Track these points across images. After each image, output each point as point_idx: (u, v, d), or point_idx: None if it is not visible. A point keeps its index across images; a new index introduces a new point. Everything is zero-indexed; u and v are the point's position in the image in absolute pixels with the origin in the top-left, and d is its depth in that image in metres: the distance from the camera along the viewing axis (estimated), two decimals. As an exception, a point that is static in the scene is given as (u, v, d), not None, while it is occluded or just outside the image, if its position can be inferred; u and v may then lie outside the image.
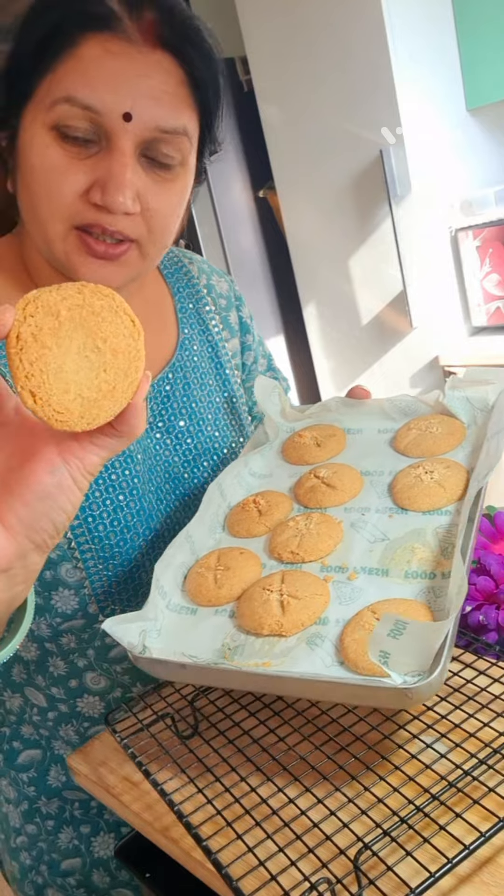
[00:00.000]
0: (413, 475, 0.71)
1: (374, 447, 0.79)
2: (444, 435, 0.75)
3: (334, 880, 0.46)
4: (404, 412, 0.81)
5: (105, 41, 0.61)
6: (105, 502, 0.73)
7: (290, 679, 0.55)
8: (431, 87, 2.06)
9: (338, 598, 0.62)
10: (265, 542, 0.71)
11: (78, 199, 0.64)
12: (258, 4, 2.18)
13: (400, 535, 0.66)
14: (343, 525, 0.70)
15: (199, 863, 0.52)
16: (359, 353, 2.38)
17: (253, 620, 0.62)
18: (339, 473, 0.75)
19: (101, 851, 0.83)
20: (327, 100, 2.14)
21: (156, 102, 0.63)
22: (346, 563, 0.65)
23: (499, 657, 0.64)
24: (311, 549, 0.67)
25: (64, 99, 0.61)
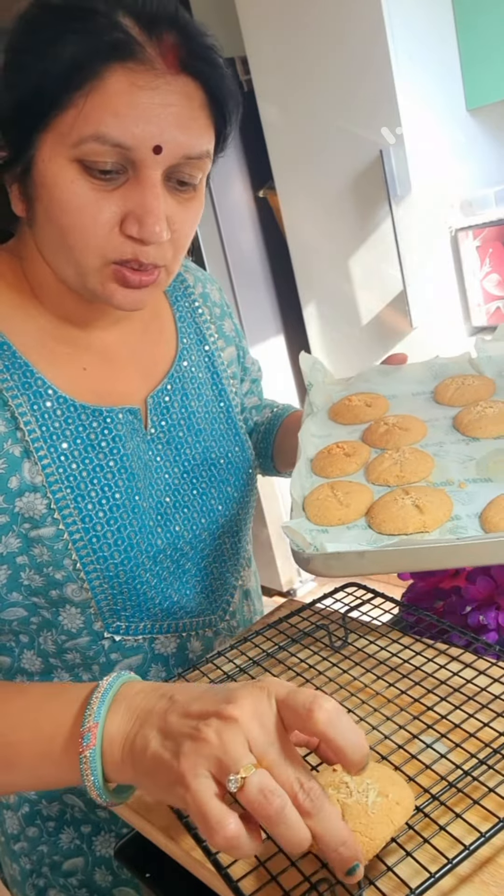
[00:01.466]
0: (475, 411, 0.79)
1: (417, 405, 0.87)
2: (481, 386, 0.84)
3: (334, 880, 0.46)
4: (435, 374, 0.90)
5: (130, 72, 0.60)
6: (109, 522, 0.73)
7: (476, 545, 0.59)
8: (431, 86, 2.06)
9: (459, 502, 0.68)
10: (364, 476, 0.76)
11: (112, 233, 0.64)
12: (258, 4, 2.18)
13: (483, 454, 0.73)
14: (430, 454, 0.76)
15: (199, 863, 0.52)
16: (359, 353, 2.38)
17: (396, 522, 0.66)
18: (406, 419, 0.82)
19: (103, 850, 0.83)
20: (327, 100, 2.14)
21: (182, 131, 0.63)
22: (451, 479, 0.71)
23: (499, 657, 0.64)
24: (414, 471, 0.73)
25: (93, 137, 0.60)
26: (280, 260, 2.57)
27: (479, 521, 0.64)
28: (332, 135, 2.17)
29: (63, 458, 0.71)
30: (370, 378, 0.93)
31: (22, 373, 0.71)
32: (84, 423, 0.73)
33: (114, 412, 0.75)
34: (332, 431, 0.86)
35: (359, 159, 2.13)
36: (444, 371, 0.90)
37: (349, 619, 0.74)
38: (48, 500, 0.70)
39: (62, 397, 0.73)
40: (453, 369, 0.90)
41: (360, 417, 0.86)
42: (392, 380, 0.92)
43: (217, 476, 0.84)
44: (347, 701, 0.63)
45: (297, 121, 2.23)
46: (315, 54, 2.12)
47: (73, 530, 0.71)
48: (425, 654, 0.66)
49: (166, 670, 0.80)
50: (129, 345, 0.81)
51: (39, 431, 0.70)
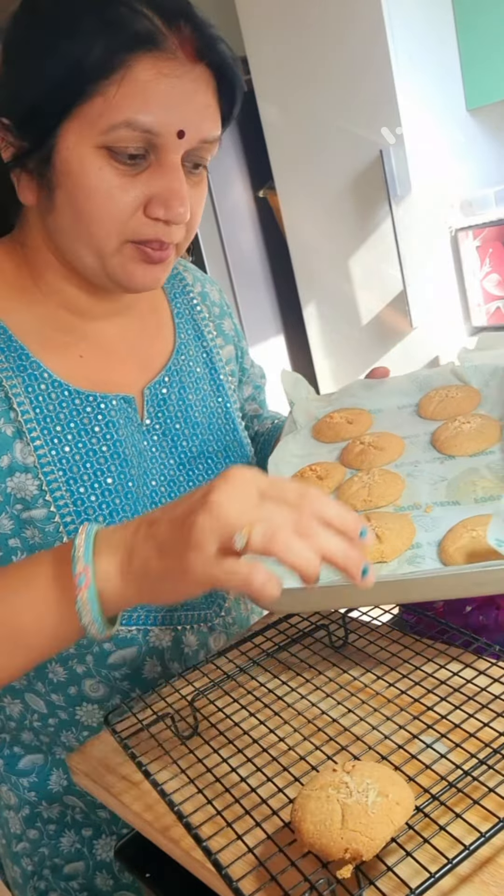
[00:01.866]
0: (452, 427, 0.77)
1: (402, 419, 0.86)
2: (465, 398, 0.83)
3: (334, 880, 0.46)
4: (420, 386, 0.88)
5: (156, 61, 0.63)
6: (101, 506, 0.73)
7: (421, 580, 0.58)
8: (431, 86, 2.06)
9: (422, 528, 0.67)
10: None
11: (135, 215, 0.67)
12: (258, 4, 2.18)
13: (456, 474, 0.72)
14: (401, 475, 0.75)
15: (199, 863, 0.52)
16: (359, 353, 2.38)
17: None
18: (383, 437, 0.81)
19: (104, 854, 0.83)
20: (327, 100, 2.14)
21: (202, 117, 0.66)
22: (419, 502, 0.70)
23: (499, 657, 0.64)
24: (381, 494, 0.72)
25: (124, 124, 0.63)
26: (280, 260, 2.57)
27: (437, 551, 0.63)
28: (332, 135, 2.17)
29: (56, 441, 0.72)
30: (355, 392, 0.91)
31: (17, 356, 0.72)
32: (78, 407, 0.74)
33: (108, 398, 0.76)
34: (313, 450, 0.85)
35: (359, 159, 2.13)
36: (428, 382, 0.88)
37: (349, 619, 0.74)
38: (39, 481, 0.71)
39: (57, 381, 0.73)
40: (437, 381, 0.88)
41: (341, 435, 0.85)
42: (376, 393, 0.90)
43: (214, 470, 0.84)
44: (347, 701, 0.63)
45: (297, 121, 2.23)
46: (315, 54, 2.11)
47: (64, 513, 0.71)
48: (425, 654, 0.66)
49: (161, 664, 0.80)
50: (126, 338, 0.81)
51: (33, 413, 0.71)
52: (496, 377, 0.84)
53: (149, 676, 0.79)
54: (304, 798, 0.49)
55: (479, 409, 0.81)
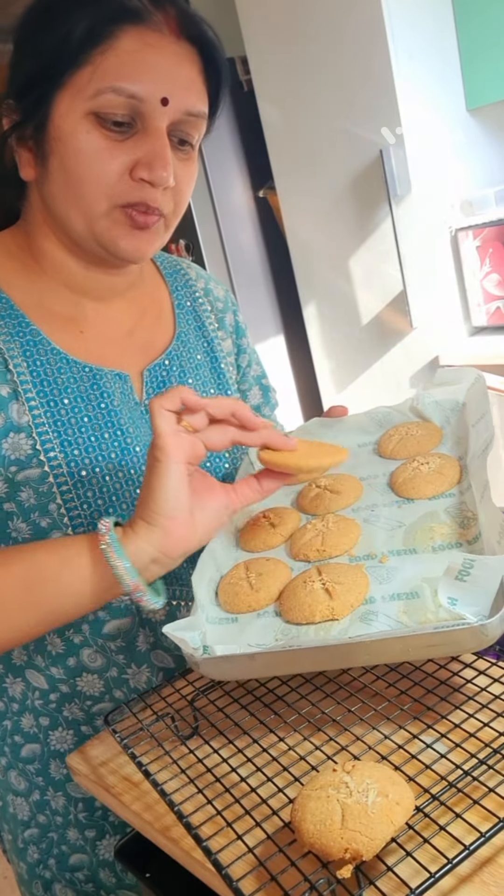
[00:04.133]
0: (410, 468, 0.74)
1: (361, 458, 0.82)
2: (425, 436, 0.79)
3: (334, 880, 0.46)
4: (380, 423, 0.85)
5: (141, 33, 0.67)
6: (94, 469, 0.75)
7: (369, 643, 0.55)
8: (431, 86, 2.06)
9: (376, 580, 0.64)
10: (286, 550, 0.72)
11: (122, 178, 0.70)
12: (258, 4, 2.18)
13: (414, 519, 0.69)
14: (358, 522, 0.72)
15: (199, 863, 0.52)
16: (359, 353, 2.38)
17: (303, 610, 0.62)
18: (339, 480, 0.77)
19: (107, 854, 0.83)
20: (327, 100, 2.14)
21: (185, 89, 0.70)
22: (374, 551, 0.67)
23: (499, 657, 0.64)
24: (335, 544, 0.69)
25: (110, 89, 0.67)
26: (280, 260, 2.57)
27: (392, 605, 0.60)
28: (332, 135, 2.17)
29: (52, 403, 0.74)
30: (312, 431, 0.87)
31: (17, 323, 0.75)
32: (75, 376, 0.76)
33: (103, 371, 0.78)
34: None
35: (359, 159, 2.13)
36: (388, 420, 0.85)
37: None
38: (33, 440, 0.73)
39: (56, 349, 0.76)
40: (397, 418, 0.84)
41: (299, 477, 0.80)
42: (336, 431, 0.86)
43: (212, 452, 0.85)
44: (347, 701, 0.63)
45: (297, 121, 2.23)
46: (315, 54, 2.11)
47: (57, 473, 0.73)
48: (425, 654, 0.66)
49: (155, 637, 0.81)
50: (127, 322, 0.84)
51: (29, 375, 0.73)
52: (456, 413, 0.81)
53: (142, 648, 0.80)
54: (304, 798, 0.49)
55: (441, 448, 0.78)
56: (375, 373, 2.35)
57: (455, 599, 0.54)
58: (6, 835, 0.89)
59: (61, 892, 0.85)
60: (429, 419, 0.83)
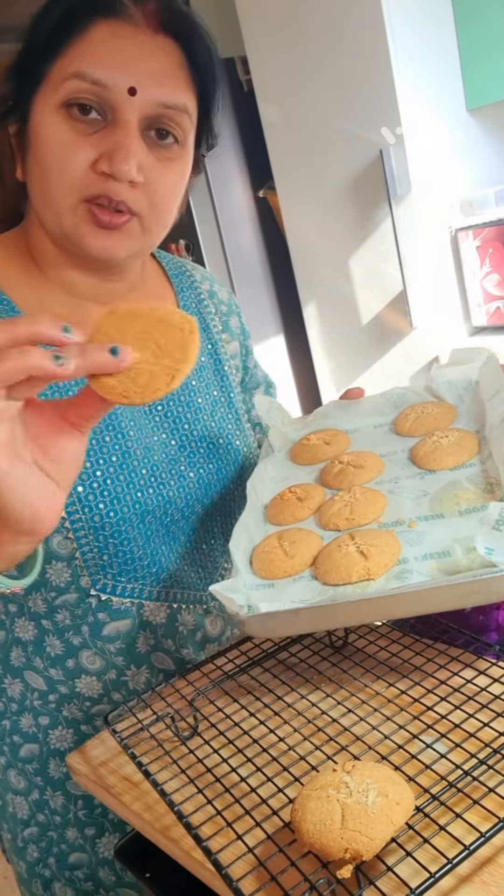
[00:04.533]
0: (430, 442, 0.76)
1: (378, 438, 0.85)
2: (441, 413, 0.82)
3: (334, 880, 0.46)
4: (395, 404, 0.88)
5: (113, 25, 0.67)
6: (95, 473, 0.74)
7: (410, 594, 0.57)
8: (431, 87, 2.06)
9: (407, 543, 0.65)
10: (315, 521, 0.74)
11: (87, 171, 0.68)
12: (258, 4, 2.18)
13: (438, 488, 0.71)
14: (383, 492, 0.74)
15: (199, 863, 0.52)
16: (359, 353, 2.38)
17: (339, 572, 0.64)
18: (361, 456, 0.80)
19: (106, 852, 0.83)
20: (327, 100, 2.14)
21: (158, 81, 0.68)
22: (402, 517, 0.69)
23: (499, 657, 0.64)
24: (364, 512, 0.71)
25: (73, 75, 0.66)
26: (280, 260, 2.57)
27: (426, 564, 0.62)
28: (332, 135, 2.17)
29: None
30: (329, 414, 0.91)
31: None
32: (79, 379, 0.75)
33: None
34: (290, 473, 0.84)
35: (359, 159, 2.13)
36: (403, 400, 0.88)
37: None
38: None
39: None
40: (412, 398, 0.88)
41: (319, 456, 0.84)
42: (351, 414, 0.90)
43: (215, 454, 0.86)
44: (347, 701, 0.63)
45: (297, 121, 2.23)
46: (315, 54, 2.11)
47: None
48: (425, 654, 0.66)
49: (155, 639, 0.81)
50: None
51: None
52: (469, 392, 0.84)
53: (142, 650, 0.80)
54: (304, 798, 0.49)
55: (456, 424, 0.81)
56: (375, 373, 2.35)
57: (492, 549, 0.56)
58: (5, 834, 0.89)
59: (60, 891, 0.85)
60: (443, 398, 0.85)
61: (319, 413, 0.92)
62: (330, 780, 0.49)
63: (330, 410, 0.91)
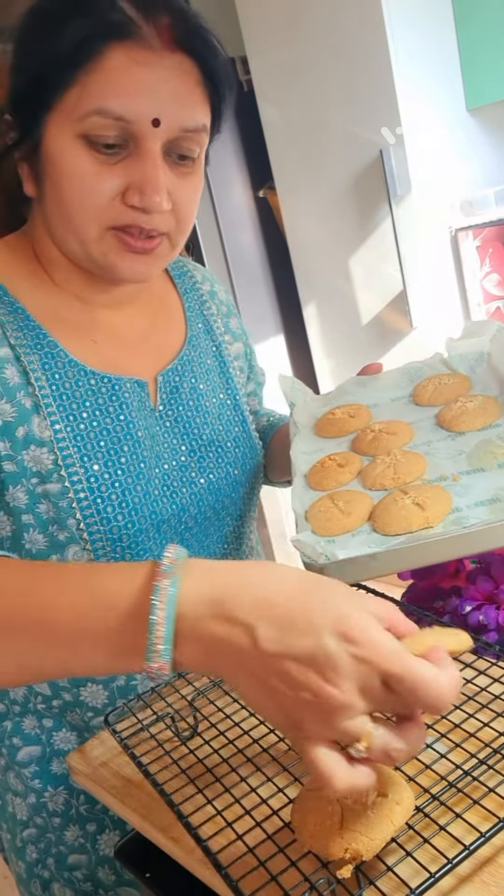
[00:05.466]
0: (456, 407, 0.80)
1: (399, 409, 0.88)
2: (457, 383, 0.85)
3: (334, 880, 0.46)
4: (411, 378, 0.92)
5: (128, 50, 0.64)
6: (114, 484, 0.74)
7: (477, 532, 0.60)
8: (431, 87, 2.06)
9: (456, 494, 0.68)
10: (360, 484, 0.76)
11: (113, 203, 0.67)
12: (258, 4, 2.18)
13: (472, 447, 0.74)
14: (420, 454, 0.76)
15: (200, 863, 0.52)
16: (359, 353, 2.38)
17: (400, 522, 0.66)
18: (392, 423, 0.83)
19: (107, 849, 0.83)
20: (327, 100, 2.14)
21: (179, 105, 0.67)
22: (445, 474, 0.72)
23: (499, 657, 0.64)
24: (408, 471, 0.73)
25: (95, 111, 0.64)
26: (280, 260, 2.56)
27: (479, 510, 0.65)
28: (332, 135, 2.17)
29: (71, 418, 0.74)
30: (349, 390, 0.94)
31: (35, 334, 0.74)
32: (93, 387, 0.76)
33: (122, 381, 0.77)
34: (322, 446, 0.86)
35: (359, 159, 2.13)
36: (419, 374, 0.92)
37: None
38: (55, 455, 0.72)
39: (73, 360, 0.75)
40: (428, 371, 0.91)
41: (346, 429, 0.86)
42: (370, 389, 0.93)
43: (224, 458, 0.86)
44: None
45: (297, 121, 2.23)
46: (315, 54, 2.11)
47: (78, 489, 0.72)
48: (425, 654, 0.66)
49: None
50: (138, 328, 0.83)
51: (49, 389, 0.73)
52: (482, 362, 0.87)
53: None
54: (304, 798, 0.49)
55: (474, 392, 0.84)
56: (375, 373, 2.35)
57: None
58: (5, 834, 0.89)
59: (59, 891, 0.85)
60: (456, 370, 0.89)
61: (340, 389, 0.95)
62: None
63: (349, 387, 0.94)
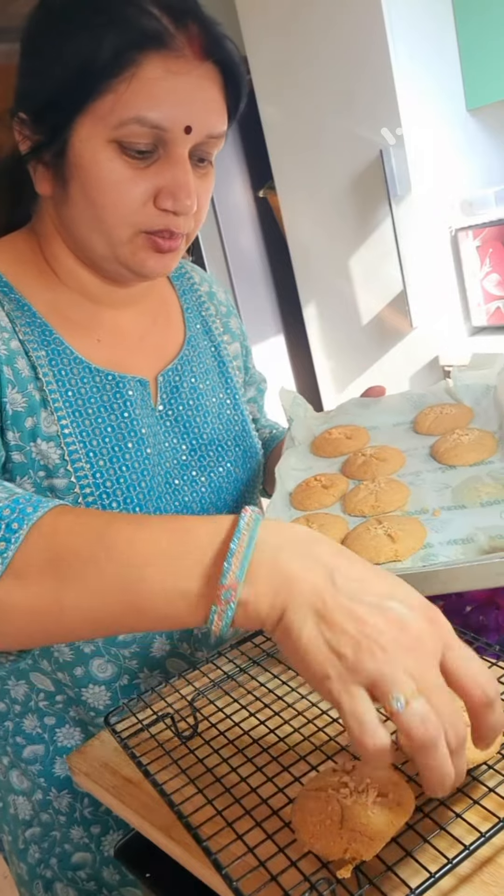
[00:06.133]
0: (451, 439, 0.79)
1: (397, 435, 0.87)
2: (459, 414, 0.85)
3: (334, 880, 0.46)
4: (415, 404, 0.90)
5: (164, 59, 0.66)
6: (119, 480, 0.75)
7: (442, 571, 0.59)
8: (431, 87, 2.06)
9: (432, 529, 0.67)
10: (340, 508, 0.76)
11: (145, 206, 0.69)
12: (258, 5, 2.18)
13: (459, 482, 0.73)
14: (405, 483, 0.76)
15: (200, 863, 0.52)
16: (359, 353, 2.38)
17: (368, 552, 0.65)
18: (385, 449, 0.82)
19: (111, 850, 0.83)
20: (327, 100, 2.14)
21: (208, 113, 0.69)
22: (426, 507, 0.71)
23: (499, 657, 0.64)
24: (389, 500, 0.73)
25: (134, 120, 0.66)
26: (280, 260, 2.57)
27: (451, 548, 0.64)
28: (332, 135, 2.17)
29: (77, 414, 0.74)
30: (350, 411, 0.94)
31: (41, 331, 0.75)
32: (98, 384, 0.77)
33: (125, 378, 0.78)
34: (313, 464, 0.86)
35: (359, 159, 2.13)
36: (422, 401, 0.91)
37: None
38: (62, 450, 0.73)
39: (79, 358, 0.76)
40: (431, 399, 0.91)
41: (341, 450, 0.86)
42: (372, 412, 0.93)
43: (224, 457, 0.87)
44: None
45: (297, 121, 2.23)
46: (315, 54, 2.11)
47: (83, 484, 0.73)
48: (425, 654, 0.66)
49: (170, 644, 0.81)
50: (139, 328, 0.84)
51: (56, 385, 0.74)
52: (488, 396, 0.86)
53: (157, 655, 0.80)
54: (304, 798, 0.49)
55: (473, 425, 0.83)
56: (375, 373, 2.35)
57: None
58: (6, 836, 0.89)
59: (62, 891, 0.85)
60: (460, 400, 0.88)
61: (341, 409, 0.94)
62: (330, 780, 0.49)
63: (351, 407, 0.94)
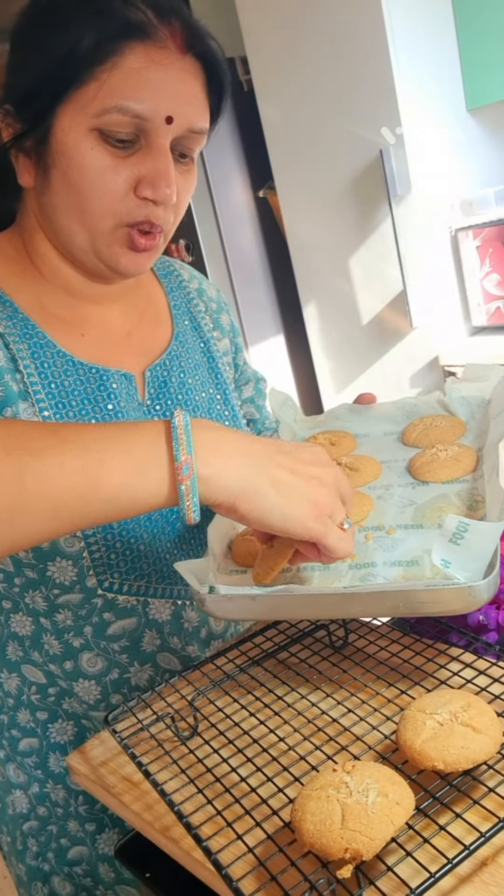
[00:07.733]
0: (429, 454, 0.77)
1: (384, 445, 0.86)
2: (449, 427, 0.83)
3: (334, 880, 0.46)
4: (407, 414, 0.89)
5: (147, 50, 0.66)
6: None
7: (364, 594, 0.58)
8: (431, 87, 2.06)
9: (381, 548, 0.67)
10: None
11: (126, 196, 0.70)
12: (258, 4, 2.18)
13: (425, 500, 0.72)
14: (372, 497, 0.75)
15: (199, 863, 0.52)
16: (359, 353, 2.38)
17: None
18: (360, 460, 0.81)
19: (106, 848, 0.84)
20: (327, 100, 2.14)
21: (190, 106, 0.69)
22: (382, 523, 0.70)
23: (499, 657, 0.64)
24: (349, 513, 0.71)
25: (115, 108, 0.66)
26: (280, 260, 2.57)
27: (392, 570, 0.64)
28: (332, 135, 2.17)
29: (60, 406, 0.74)
30: (341, 416, 0.92)
31: (23, 325, 0.74)
32: (82, 377, 0.76)
33: (109, 371, 0.78)
34: None
35: (359, 159, 2.13)
36: (414, 411, 0.89)
37: (349, 619, 0.74)
38: None
39: (62, 351, 0.76)
40: (424, 409, 0.89)
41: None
42: (364, 418, 0.91)
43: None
44: (347, 701, 0.63)
45: (297, 121, 2.23)
46: (315, 54, 2.11)
47: None
48: (425, 654, 0.66)
49: (161, 638, 0.81)
50: (125, 324, 0.84)
51: (38, 377, 0.74)
52: (482, 409, 0.85)
53: (147, 649, 0.80)
54: (304, 798, 0.49)
55: (463, 440, 0.81)
56: (375, 373, 2.35)
57: (448, 562, 0.56)
58: (5, 837, 0.89)
59: (59, 885, 0.85)
60: (454, 413, 0.86)
61: (331, 414, 0.93)
62: (330, 780, 0.49)
63: (342, 413, 0.93)
